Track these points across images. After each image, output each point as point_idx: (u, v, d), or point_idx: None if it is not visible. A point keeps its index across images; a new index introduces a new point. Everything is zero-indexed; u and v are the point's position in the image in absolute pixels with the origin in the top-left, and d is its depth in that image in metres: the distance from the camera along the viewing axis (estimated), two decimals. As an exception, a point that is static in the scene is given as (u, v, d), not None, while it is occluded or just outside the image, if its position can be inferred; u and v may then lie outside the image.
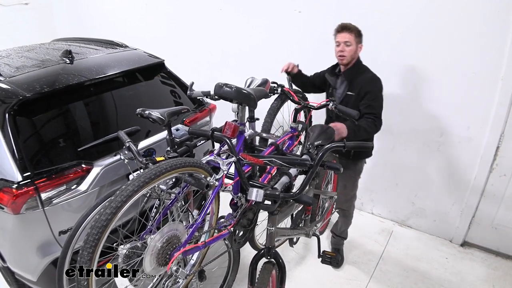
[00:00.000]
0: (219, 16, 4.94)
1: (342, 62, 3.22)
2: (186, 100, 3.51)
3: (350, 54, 3.16)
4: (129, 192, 1.69)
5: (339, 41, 3.16)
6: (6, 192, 2.40)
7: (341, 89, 3.31)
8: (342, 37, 3.13)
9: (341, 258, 3.85)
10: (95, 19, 6.46)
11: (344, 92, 3.26)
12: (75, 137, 2.84)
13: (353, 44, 3.13)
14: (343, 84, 3.30)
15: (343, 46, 3.14)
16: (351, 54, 3.16)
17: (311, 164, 2.22)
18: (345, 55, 3.16)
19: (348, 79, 3.25)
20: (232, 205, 2.45)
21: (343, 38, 3.13)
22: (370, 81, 3.22)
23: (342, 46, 3.14)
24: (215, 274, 3.03)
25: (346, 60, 3.18)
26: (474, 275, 3.73)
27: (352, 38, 3.10)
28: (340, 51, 3.16)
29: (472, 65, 3.44)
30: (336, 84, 3.34)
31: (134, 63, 3.32)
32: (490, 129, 3.54)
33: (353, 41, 3.12)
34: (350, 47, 3.13)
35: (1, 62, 3.16)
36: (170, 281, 2.15)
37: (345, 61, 3.20)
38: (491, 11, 3.25)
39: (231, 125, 2.32)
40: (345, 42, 3.12)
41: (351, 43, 3.12)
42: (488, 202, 3.83)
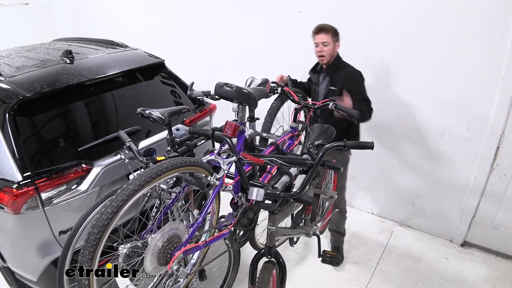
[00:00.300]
0: (219, 16, 4.94)
1: (322, 61, 3.43)
2: (186, 100, 3.51)
3: (329, 53, 3.35)
4: (130, 191, 1.69)
5: (317, 42, 3.36)
6: (6, 192, 2.40)
7: (323, 85, 3.49)
8: (320, 38, 3.33)
9: (341, 257, 3.85)
10: (95, 19, 6.46)
11: (327, 87, 3.44)
12: (75, 137, 2.84)
13: (330, 44, 3.32)
14: (325, 80, 3.48)
15: (321, 46, 3.34)
16: (330, 53, 3.36)
17: (312, 164, 2.22)
18: (324, 55, 3.35)
19: (329, 75, 3.46)
20: (233, 204, 2.44)
21: (320, 39, 3.32)
22: (352, 75, 3.42)
23: (321, 46, 3.34)
24: (215, 273, 3.03)
25: (325, 59, 3.39)
26: (474, 275, 3.73)
27: (329, 38, 3.31)
28: (319, 52, 3.36)
29: (472, 65, 3.44)
30: (319, 80, 3.52)
31: (134, 63, 3.32)
32: (490, 129, 3.54)
33: (330, 41, 3.32)
34: (328, 47, 3.33)
35: (2, 62, 3.16)
36: (171, 281, 2.15)
37: (325, 61, 3.40)
38: (491, 11, 3.25)
39: (231, 125, 2.31)
40: (322, 42, 3.32)
41: (329, 43, 3.32)
42: (488, 202, 3.83)
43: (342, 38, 3.73)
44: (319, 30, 3.34)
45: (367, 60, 3.91)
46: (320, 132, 2.86)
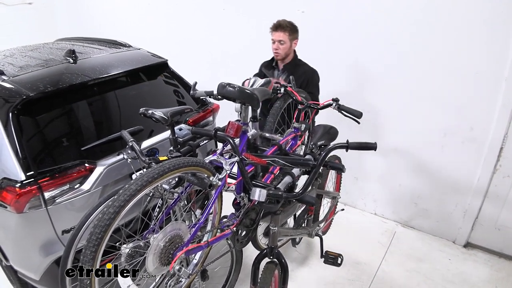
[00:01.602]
0: (222, 16, 4.95)
1: (277, 58, 3.58)
2: (189, 100, 3.51)
3: (284, 51, 3.49)
4: (132, 191, 1.69)
5: (274, 39, 3.48)
6: (9, 191, 2.41)
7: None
8: (277, 36, 3.45)
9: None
10: (97, 19, 6.47)
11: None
12: (78, 136, 2.84)
13: (287, 42, 3.45)
14: (281, 76, 3.58)
15: (277, 44, 3.47)
16: (285, 51, 3.49)
17: (314, 164, 2.22)
18: (279, 52, 3.50)
19: (288, 72, 3.56)
20: (235, 204, 2.44)
21: (277, 37, 3.45)
22: (312, 74, 3.62)
23: (277, 44, 3.47)
24: (217, 273, 3.03)
25: (280, 56, 3.53)
26: (477, 276, 3.72)
27: (286, 36, 3.43)
28: (275, 49, 3.50)
29: (476, 65, 3.43)
30: (274, 76, 3.62)
31: (137, 63, 3.32)
32: (494, 130, 3.53)
33: (287, 39, 3.43)
34: (284, 45, 3.45)
35: (5, 61, 3.16)
36: (173, 281, 2.15)
37: (279, 57, 3.55)
38: (494, 11, 3.24)
39: (234, 125, 2.32)
40: (279, 40, 3.45)
41: (285, 42, 3.44)
42: (491, 203, 3.82)
43: (344, 38, 3.74)
44: (276, 27, 3.43)
45: (370, 60, 3.91)
46: (323, 133, 2.86)
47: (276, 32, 3.44)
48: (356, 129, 3.28)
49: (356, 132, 3.47)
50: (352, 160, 4.25)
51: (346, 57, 3.66)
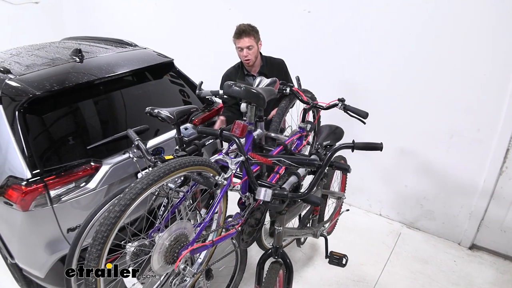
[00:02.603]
0: (228, 16, 4.94)
1: (248, 64, 3.53)
2: (194, 99, 3.51)
3: (254, 55, 3.46)
4: (138, 190, 1.69)
5: (241, 47, 3.41)
6: (15, 189, 2.42)
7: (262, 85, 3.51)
8: (243, 43, 3.38)
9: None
10: (103, 19, 6.49)
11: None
12: (84, 135, 2.86)
13: (254, 46, 3.42)
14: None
15: (246, 51, 3.42)
16: (255, 55, 3.47)
17: (320, 164, 2.21)
18: (250, 58, 3.46)
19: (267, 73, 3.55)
20: (240, 204, 2.45)
21: (244, 43, 3.38)
22: (282, 65, 3.68)
23: (246, 51, 3.42)
24: (222, 273, 3.03)
25: (251, 62, 3.50)
26: (482, 278, 3.70)
27: (252, 40, 3.39)
28: (245, 56, 3.44)
29: (483, 67, 3.41)
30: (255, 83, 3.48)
31: (143, 62, 3.33)
32: (500, 132, 3.51)
33: (254, 43, 3.41)
34: (253, 50, 3.43)
35: (12, 60, 3.18)
36: (178, 280, 2.15)
37: (251, 63, 3.51)
38: (502, 13, 3.22)
39: (240, 124, 2.32)
40: (247, 47, 3.40)
41: (253, 46, 3.41)
42: (497, 205, 3.80)
43: (351, 38, 3.73)
44: (240, 34, 3.37)
45: (377, 61, 3.90)
46: (329, 133, 2.85)
47: (241, 39, 3.39)
48: (362, 130, 3.27)
49: (361, 132, 3.46)
50: (357, 160, 4.25)
51: (352, 57, 3.65)
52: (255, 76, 3.56)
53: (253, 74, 3.61)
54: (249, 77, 3.60)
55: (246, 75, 3.61)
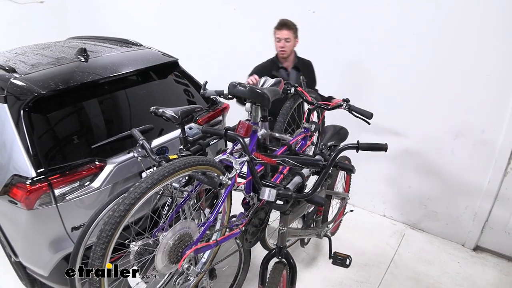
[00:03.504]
0: (232, 16, 4.95)
1: (283, 56, 3.63)
2: (199, 99, 3.51)
3: (290, 48, 3.57)
4: (142, 189, 1.69)
5: (280, 38, 3.54)
6: (20, 188, 2.43)
7: (293, 80, 3.66)
8: (282, 34, 3.51)
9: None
10: (108, 18, 6.50)
11: (298, 81, 3.51)
12: (89, 134, 2.86)
13: (292, 40, 3.53)
14: (293, 74, 3.68)
15: (283, 42, 3.53)
16: (291, 48, 3.58)
17: (324, 165, 2.21)
18: (286, 50, 3.56)
19: (300, 68, 3.71)
20: (244, 204, 2.44)
21: (283, 35, 3.51)
22: (312, 66, 3.81)
23: (283, 42, 3.53)
24: (225, 272, 3.03)
25: (286, 54, 3.59)
26: (485, 280, 3.70)
27: (291, 34, 3.50)
28: (281, 47, 3.56)
29: (487, 67, 3.41)
30: (286, 76, 3.71)
31: (148, 62, 3.33)
32: (505, 133, 3.50)
33: (292, 37, 3.52)
34: (290, 43, 3.54)
35: (17, 59, 3.19)
36: (181, 279, 2.15)
37: (285, 55, 3.61)
38: (506, 13, 3.21)
39: (244, 124, 2.31)
40: (285, 39, 3.51)
41: (291, 40, 3.52)
42: (501, 206, 3.79)
43: (355, 38, 3.73)
44: (281, 25, 3.51)
45: (381, 61, 3.90)
46: (333, 133, 2.86)
47: (281, 30, 3.51)
48: (366, 130, 3.27)
49: (366, 133, 3.46)
50: (361, 161, 4.24)
51: (356, 58, 3.65)
52: (288, 70, 3.70)
53: (286, 68, 3.70)
54: (283, 70, 3.70)
55: (281, 68, 3.70)
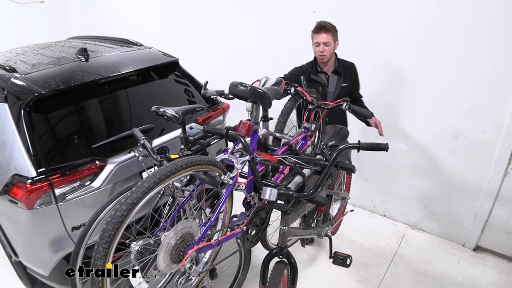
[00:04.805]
0: (233, 16, 4.95)
1: (322, 60, 3.50)
2: (199, 99, 3.52)
3: (330, 52, 3.44)
4: (145, 188, 1.69)
5: (318, 42, 3.41)
6: (20, 187, 2.43)
7: (333, 84, 3.57)
8: (321, 38, 3.38)
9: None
10: (109, 18, 6.50)
11: (338, 86, 3.53)
12: (89, 134, 2.86)
13: (331, 43, 3.40)
14: (333, 79, 3.58)
15: (322, 46, 3.40)
16: (330, 52, 3.45)
17: (325, 164, 2.21)
18: (325, 55, 3.43)
19: (342, 72, 3.58)
20: (245, 204, 2.44)
21: (322, 39, 3.38)
22: (355, 69, 3.65)
23: (322, 46, 3.41)
24: (226, 272, 3.03)
25: (326, 58, 3.47)
26: (486, 280, 3.70)
27: (330, 37, 3.38)
28: (321, 52, 3.43)
29: (487, 67, 3.41)
30: (325, 81, 3.60)
31: (148, 62, 3.33)
32: (506, 133, 3.50)
33: (331, 40, 3.39)
34: (330, 47, 3.41)
35: (17, 59, 3.19)
36: (183, 279, 2.15)
37: (325, 60, 3.48)
38: (506, 13, 3.22)
39: (245, 124, 2.31)
40: (324, 42, 3.39)
41: (330, 43, 3.39)
42: (502, 206, 3.79)
43: (355, 38, 3.72)
44: (319, 29, 3.38)
45: (381, 61, 3.90)
46: (334, 133, 2.86)
47: (319, 34, 3.38)
48: (367, 130, 3.27)
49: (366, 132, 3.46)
50: (362, 161, 4.25)
51: (356, 58, 3.64)
52: (328, 74, 3.60)
53: (326, 72, 3.62)
54: (322, 74, 3.61)
55: (319, 72, 3.61)
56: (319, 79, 3.57)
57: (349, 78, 3.52)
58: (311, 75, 3.58)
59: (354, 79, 3.65)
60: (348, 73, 3.59)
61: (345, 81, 3.50)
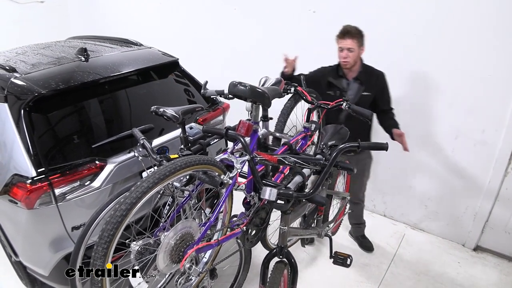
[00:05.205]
0: (233, 16, 4.95)
1: (345, 67, 3.33)
2: (199, 98, 3.51)
3: (353, 59, 3.26)
4: (144, 188, 1.68)
5: (342, 47, 3.25)
6: (20, 187, 2.43)
7: (352, 91, 3.38)
8: (345, 44, 3.22)
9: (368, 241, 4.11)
10: (109, 18, 6.50)
11: (359, 93, 3.34)
12: (89, 134, 2.86)
13: (356, 50, 3.22)
14: (353, 85, 3.38)
15: (346, 52, 3.24)
16: (354, 59, 3.26)
17: (325, 164, 2.21)
18: (348, 61, 3.26)
19: (363, 80, 3.34)
20: (245, 203, 2.44)
21: (346, 45, 3.22)
22: (382, 78, 3.41)
23: (346, 52, 3.24)
24: (226, 272, 3.02)
25: (349, 65, 3.29)
26: (486, 280, 3.70)
27: (354, 43, 3.20)
28: (344, 58, 3.26)
29: (488, 67, 3.41)
30: (344, 86, 3.41)
31: (148, 62, 3.33)
32: (506, 133, 3.50)
33: (356, 46, 3.21)
34: (353, 53, 3.23)
35: (17, 59, 3.19)
36: (183, 279, 2.15)
37: (348, 66, 3.31)
38: (506, 13, 3.21)
39: (245, 124, 2.31)
40: (348, 48, 3.22)
41: (354, 49, 3.21)
42: (502, 206, 3.79)
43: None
44: (344, 34, 3.22)
45: (381, 61, 3.88)
46: (334, 133, 2.85)
47: (343, 39, 3.22)
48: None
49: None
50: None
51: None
52: (349, 80, 3.41)
53: (348, 78, 3.42)
54: (342, 79, 3.42)
55: (340, 76, 3.44)
56: (337, 83, 3.41)
57: (372, 87, 3.35)
58: (329, 78, 3.44)
59: (380, 89, 3.41)
60: (373, 82, 3.38)
61: (368, 90, 3.34)
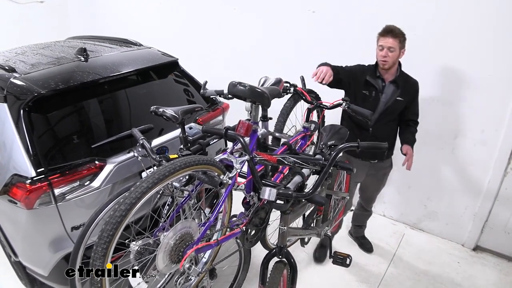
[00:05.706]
0: (232, 16, 4.95)
1: (383, 67, 3.18)
2: (199, 98, 3.51)
3: (393, 60, 3.12)
4: (144, 188, 1.68)
5: (383, 46, 3.10)
6: (19, 187, 2.42)
7: (388, 94, 3.27)
8: (386, 42, 3.08)
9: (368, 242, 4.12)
10: (108, 18, 6.50)
11: (393, 97, 3.24)
12: (88, 134, 2.86)
13: (396, 50, 3.08)
14: (389, 89, 3.27)
15: (386, 51, 3.09)
16: (394, 60, 3.12)
17: (324, 164, 2.21)
18: (388, 61, 3.12)
19: (400, 85, 3.25)
20: (245, 204, 2.44)
21: (387, 43, 3.07)
22: (417, 87, 3.31)
23: (386, 51, 3.10)
24: (225, 272, 3.03)
25: (388, 65, 3.15)
26: (485, 280, 3.70)
27: (396, 43, 3.06)
28: (383, 57, 3.12)
29: (487, 67, 3.41)
30: (381, 87, 3.28)
31: (148, 62, 3.33)
32: (505, 132, 3.50)
33: (397, 47, 3.07)
34: (394, 53, 3.09)
35: (17, 59, 3.19)
36: (182, 279, 2.15)
37: (386, 66, 3.16)
38: (506, 13, 3.22)
39: (244, 124, 2.31)
40: (389, 47, 3.07)
41: (395, 49, 3.08)
42: (501, 206, 3.79)
43: (355, 38, 3.70)
44: (387, 32, 3.09)
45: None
46: (333, 133, 2.85)
47: (386, 37, 3.08)
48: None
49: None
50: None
51: (356, 58, 3.62)
52: (386, 82, 3.27)
53: (385, 80, 3.28)
54: (379, 80, 3.27)
55: (377, 77, 3.28)
56: (375, 83, 3.27)
57: (407, 94, 3.24)
58: (367, 76, 3.30)
59: (413, 97, 3.32)
60: (408, 88, 3.27)
61: (402, 95, 3.23)
